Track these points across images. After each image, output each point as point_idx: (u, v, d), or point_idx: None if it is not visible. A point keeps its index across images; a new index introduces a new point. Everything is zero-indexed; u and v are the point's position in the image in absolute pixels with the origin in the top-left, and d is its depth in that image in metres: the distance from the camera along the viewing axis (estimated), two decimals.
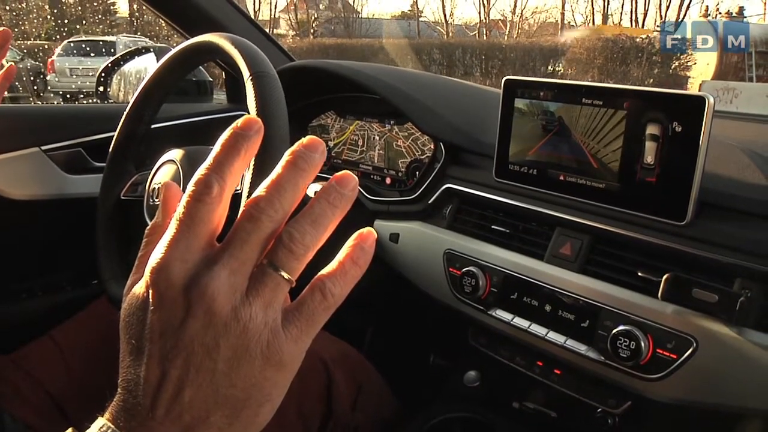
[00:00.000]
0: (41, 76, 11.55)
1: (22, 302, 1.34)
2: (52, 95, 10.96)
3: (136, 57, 1.56)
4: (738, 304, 0.74)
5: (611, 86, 0.88)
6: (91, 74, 11.26)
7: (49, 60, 11.34)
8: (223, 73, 1.63)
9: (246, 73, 0.80)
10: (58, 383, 1.02)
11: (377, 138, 1.32)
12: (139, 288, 0.37)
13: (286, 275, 0.36)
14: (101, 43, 12.31)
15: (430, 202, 1.14)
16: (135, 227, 1.04)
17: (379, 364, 1.18)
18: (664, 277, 0.80)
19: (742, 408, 0.76)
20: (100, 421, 0.36)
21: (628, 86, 0.87)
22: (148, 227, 0.42)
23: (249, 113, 0.51)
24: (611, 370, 0.86)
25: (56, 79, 11.09)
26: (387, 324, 1.52)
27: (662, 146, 0.82)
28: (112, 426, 0.36)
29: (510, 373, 1.05)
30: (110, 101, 1.56)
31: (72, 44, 12.00)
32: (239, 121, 0.37)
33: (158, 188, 0.95)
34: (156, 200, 0.95)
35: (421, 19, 28.18)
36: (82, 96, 10.36)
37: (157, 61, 1.04)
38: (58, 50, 11.65)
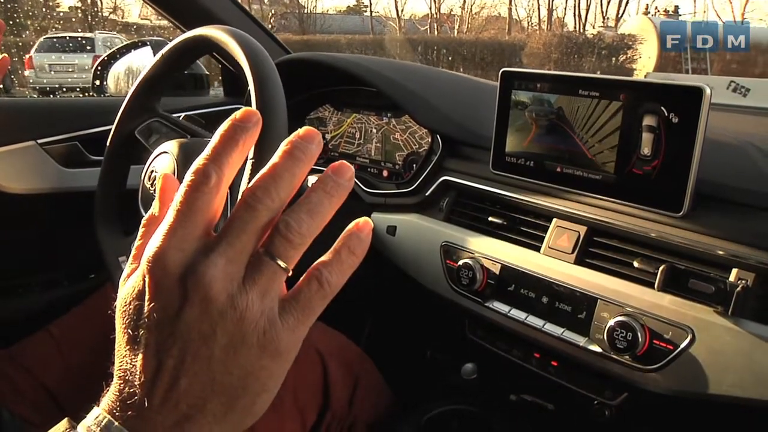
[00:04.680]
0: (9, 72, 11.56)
1: (19, 297, 1.34)
2: (25, 90, 10.96)
3: (132, 51, 1.56)
4: (734, 294, 0.75)
5: (608, 77, 0.88)
6: (71, 70, 11.34)
7: (27, 56, 11.34)
8: (220, 66, 1.63)
9: (246, 65, 0.80)
10: (56, 378, 1.02)
11: (374, 131, 1.32)
12: (136, 277, 0.37)
13: (282, 264, 0.36)
14: (79, 39, 12.40)
15: (426, 194, 1.14)
16: (134, 220, 1.04)
17: (376, 357, 1.18)
18: (661, 268, 0.81)
19: (738, 398, 0.77)
20: (96, 411, 0.36)
21: (625, 77, 0.87)
22: (144, 218, 0.42)
23: (248, 106, 0.51)
24: (608, 361, 0.86)
25: (35, 75, 11.14)
26: (384, 317, 1.52)
27: (659, 137, 0.82)
28: (108, 416, 0.35)
29: (507, 366, 1.05)
30: (106, 95, 1.55)
31: (49, 40, 12.06)
32: (238, 113, 0.38)
33: (154, 177, 0.94)
34: (151, 190, 0.95)
35: (371, 13, 28.52)
36: (64, 90, 10.42)
37: (154, 55, 1.03)
38: (35, 47, 11.66)
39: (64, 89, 10.73)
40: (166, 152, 0.94)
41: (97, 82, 1.56)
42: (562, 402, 1.02)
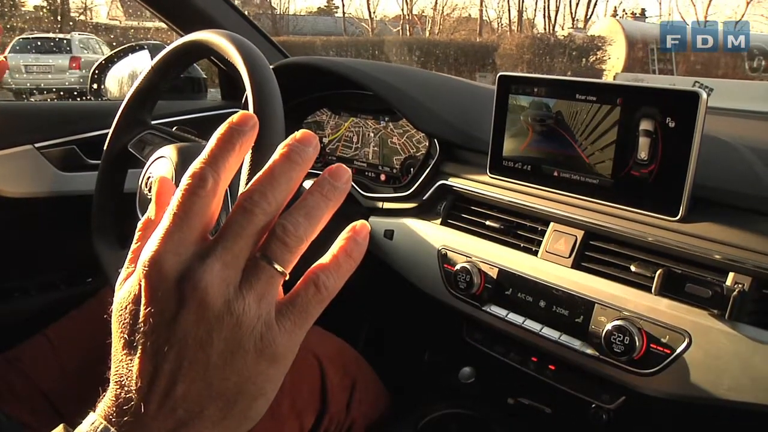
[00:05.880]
0: None
1: (15, 301, 1.34)
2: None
3: (130, 54, 1.56)
4: (731, 298, 0.75)
5: (605, 82, 0.88)
6: (48, 71, 11.22)
7: (1, 56, 11.26)
8: (217, 69, 1.63)
9: (243, 69, 0.80)
10: (53, 381, 1.02)
11: (372, 135, 1.32)
12: (132, 282, 0.37)
13: (279, 268, 0.36)
14: (56, 39, 12.31)
15: (424, 198, 1.14)
16: (130, 223, 1.04)
17: (374, 361, 1.18)
18: (658, 272, 0.81)
19: (734, 402, 0.77)
20: (92, 417, 0.36)
21: (622, 82, 0.87)
22: (140, 222, 0.42)
23: (245, 110, 0.51)
24: (605, 365, 0.86)
25: (10, 76, 11.03)
26: (382, 321, 1.52)
27: (656, 142, 0.82)
28: (104, 422, 0.35)
29: (505, 369, 1.05)
30: (104, 98, 1.55)
31: (23, 41, 11.93)
32: (235, 117, 0.37)
33: (151, 182, 0.95)
34: (149, 195, 0.95)
35: (342, 14, 28.79)
36: (37, 92, 10.30)
37: (152, 59, 1.03)
38: (9, 47, 11.54)
39: (47, 91, 10.66)
40: (164, 157, 0.94)
41: (95, 86, 1.56)
42: (560, 405, 1.02)
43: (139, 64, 1.52)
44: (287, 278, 0.37)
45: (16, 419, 0.94)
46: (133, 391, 0.35)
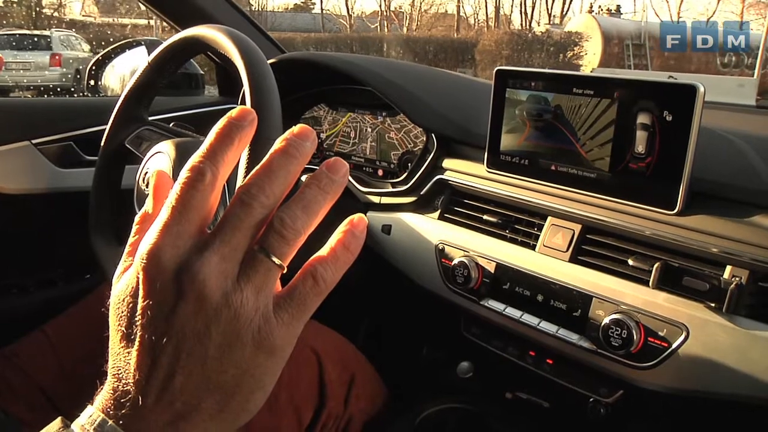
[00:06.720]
0: None
1: (13, 297, 1.34)
2: None
3: (127, 50, 1.56)
4: (728, 291, 0.75)
5: (602, 76, 0.88)
6: (27, 68, 11.08)
7: None
8: (214, 65, 1.63)
9: (240, 64, 0.80)
10: (51, 378, 1.02)
11: (369, 130, 1.32)
12: (130, 274, 0.37)
13: (277, 260, 0.36)
14: (35, 37, 12.20)
15: (422, 193, 1.14)
16: (127, 219, 1.04)
17: (372, 356, 1.18)
18: (655, 265, 0.81)
19: (732, 395, 0.77)
20: (90, 410, 0.36)
21: (619, 76, 0.87)
22: (137, 215, 0.42)
23: (242, 105, 0.52)
24: (603, 359, 0.86)
25: None
26: (380, 315, 1.52)
27: (653, 135, 0.82)
28: (102, 414, 0.35)
29: (503, 364, 1.05)
30: (101, 95, 1.55)
31: (1, 38, 11.80)
32: (233, 112, 0.38)
33: (148, 178, 0.95)
34: (146, 191, 0.95)
35: (319, 11, 29.10)
36: (17, 89, 10.23)
37: (149, 55, 1.03)
38: None
39: (27, 88, 10.58)
40: (161, 152, 0.94)
41: (92, 82, 1.55)
42: (558, 400, 1.02)
43: (138, 61, 1.52)
44: (285, 271, 0.37)
45: (13, 416, 0.94)
46: (131, 384, 0.35)
